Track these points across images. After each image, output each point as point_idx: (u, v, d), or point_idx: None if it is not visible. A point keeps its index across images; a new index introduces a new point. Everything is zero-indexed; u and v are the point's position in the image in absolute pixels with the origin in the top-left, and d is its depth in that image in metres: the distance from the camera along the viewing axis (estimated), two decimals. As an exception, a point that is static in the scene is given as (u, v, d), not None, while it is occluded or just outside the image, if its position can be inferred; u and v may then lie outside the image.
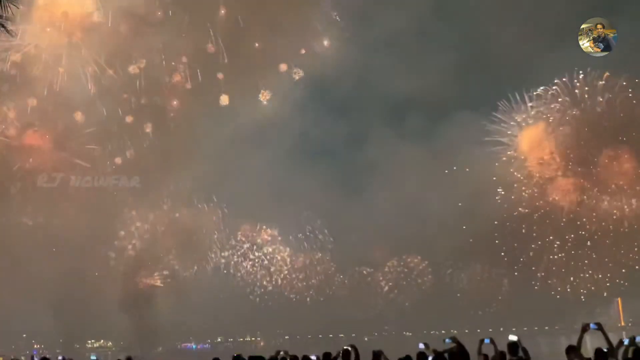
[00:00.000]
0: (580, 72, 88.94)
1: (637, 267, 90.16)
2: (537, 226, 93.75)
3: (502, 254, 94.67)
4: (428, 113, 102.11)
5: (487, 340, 12.34)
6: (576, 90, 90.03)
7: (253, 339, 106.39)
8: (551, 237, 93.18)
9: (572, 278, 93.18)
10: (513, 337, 12.67)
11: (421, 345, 13.18)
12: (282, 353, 13.83)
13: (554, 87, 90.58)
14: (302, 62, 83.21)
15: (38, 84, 76.37)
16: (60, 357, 19.80)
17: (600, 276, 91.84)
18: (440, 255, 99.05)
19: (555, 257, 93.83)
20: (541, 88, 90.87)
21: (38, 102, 77.13)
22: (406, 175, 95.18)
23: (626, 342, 12.11)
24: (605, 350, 11.84)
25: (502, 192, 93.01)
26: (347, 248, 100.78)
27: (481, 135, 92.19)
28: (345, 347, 13.37)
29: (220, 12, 78.72)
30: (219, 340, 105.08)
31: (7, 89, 76.37)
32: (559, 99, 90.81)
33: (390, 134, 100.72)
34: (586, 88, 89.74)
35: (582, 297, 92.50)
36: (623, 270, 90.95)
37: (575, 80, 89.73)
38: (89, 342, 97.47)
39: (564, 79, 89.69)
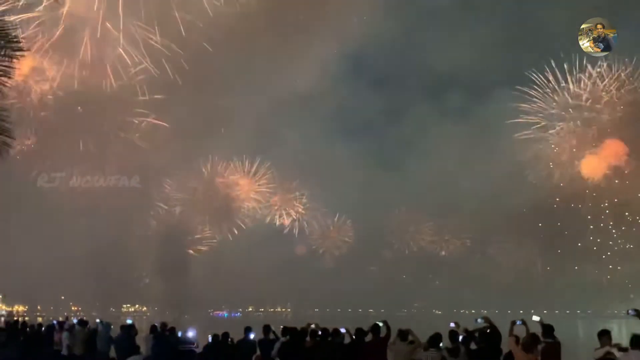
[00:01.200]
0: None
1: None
2: (573, 208, 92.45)
3: (539, 235, 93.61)
4: (468, 90, 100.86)
5: (519, 322, 12.24)
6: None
7: (283, 309, 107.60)
8: (590, 220, 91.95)
9: (607, 263, 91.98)
10: (536, 318, 12.67)
11: (452, 324, 13.14)
12: (313, 326, 13.91)
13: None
14: (344, 34, 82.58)
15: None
16: (98, 320, 20.31)
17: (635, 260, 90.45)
18: (474, 234, 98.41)
19: (592, 237, 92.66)
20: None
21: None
22: (444, 152, 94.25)
23: None
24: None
25: (541, 172, 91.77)
26: (381, 223, 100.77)
27: (521, 113, 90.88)
28: (376, 322, 13.39)
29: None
30: (250, 309, 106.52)
31: None
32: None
33: (428, 109, 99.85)
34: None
35: (617, 281, 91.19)
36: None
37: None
38: (125, 306, 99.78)
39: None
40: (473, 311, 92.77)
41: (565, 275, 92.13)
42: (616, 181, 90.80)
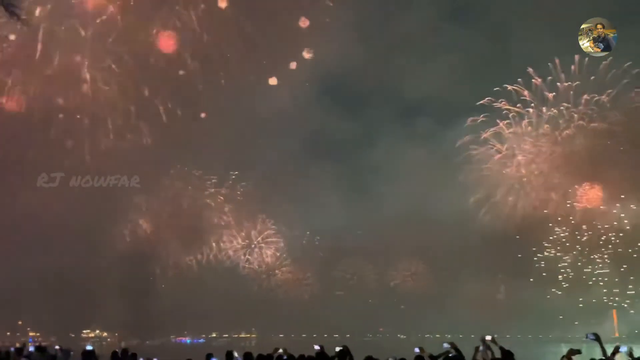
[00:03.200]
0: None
1: (631, 277, 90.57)
2: (537, 232, 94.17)
3: (503, 260, 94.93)
4: (438, 115, 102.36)
5: (481, 348, 12.38)
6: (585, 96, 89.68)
7: (248, 335, 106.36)
8: (557, 245, 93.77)
9: (567, 286, 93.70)
10: (488, 337, 12.85)
11: (417, 350, 13.22)
12: (280, 350, 13.84)
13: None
14: (318, 58, 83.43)
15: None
16: (57, 347, 19.80)
17: (596, 289, 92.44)
18: (440, 258, 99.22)
19: (554, 263, 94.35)
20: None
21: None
22: (413, 177, 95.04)
23: (623, 349, 12.16)
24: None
25: (506, 197, 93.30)
26: (348, 247, 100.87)
27: (490, 139, 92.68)
28: (338, 348, 13.39)
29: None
30: (214, 335, 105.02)
31: None
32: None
33: (399, 134, 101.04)
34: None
35: (577, 306, 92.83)
36: (616, 280, 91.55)
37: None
38: (85, 331, 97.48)
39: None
40: (437, 336, 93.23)
41: (527, 301, 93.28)
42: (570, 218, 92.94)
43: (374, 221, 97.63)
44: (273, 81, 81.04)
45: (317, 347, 13.56)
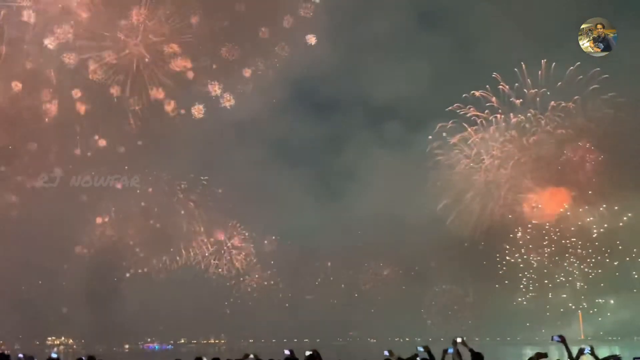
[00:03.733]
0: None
1: (601, 284, 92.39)
2: (505, 237, 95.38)
3: (472, 263, 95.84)
4: (407, 120, 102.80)
5: (450, 350, 12.50)
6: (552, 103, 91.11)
7: (216, 341, 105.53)
8: (522, 248, 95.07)
9: (536, 287, 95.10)
10: (459, 339, 13.00)
11: (386, 353, 13.28)
12: (251, 356, 13.74)
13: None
14: (284, 60, 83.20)
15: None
16: (20, 355, 19.31)
17: (562, 290, 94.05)
18: (409, 262, 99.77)
19: (522, 267, 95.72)
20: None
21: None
22: (383, 181, 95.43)
23: (587, 350, 12.36)
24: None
25: (474, 201, 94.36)
26: (318, 252, 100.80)
27: (459, 144, 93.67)
28: (308, 353, 13.37)
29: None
30: (182, 341, 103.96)
31: None
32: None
33: (368, 138, 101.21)
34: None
35: (545, 309, 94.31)
36: (581, 284, 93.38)
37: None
38: (50, 338, 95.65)
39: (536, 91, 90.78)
40: (407, 339, 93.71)
41: (495, 304, 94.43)
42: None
43: (344, 225, 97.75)
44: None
45: (287, 352, 13.54)
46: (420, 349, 12.73)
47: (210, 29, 79.27)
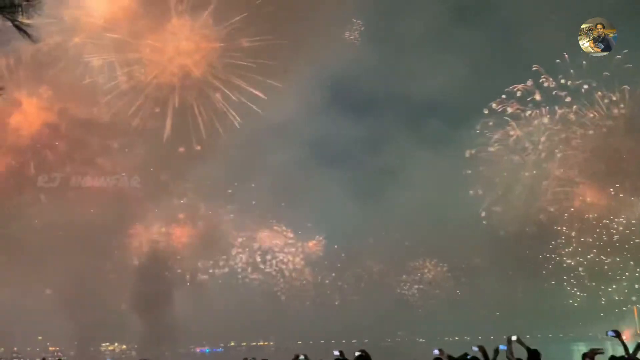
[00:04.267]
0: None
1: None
2: (553, 232, 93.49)
3: (521, 258, 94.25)
4: (447, 116, 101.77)
5: (502, 347, 12.33)
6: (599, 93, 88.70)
7: (265, 343, 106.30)
8: (573, 243, 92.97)
9: (589, 283, 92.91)
10: (514, 337, 12.80)
11: (435, 351, 13.18)
12: (301, 357, 13.84)
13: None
14: (323, 61, 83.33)
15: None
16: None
17: (615, 285, 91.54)
18: (455, 261, 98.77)
19: (574, 262, 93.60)
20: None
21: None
22: (424, 180, 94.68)
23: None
24: (621, 356, 11.78)
25: (520, 197, 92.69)
26: (362, 253, 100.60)
27: (501, 139, 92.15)
28: (357, 353, 13.37)
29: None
30: (232, 344, 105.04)
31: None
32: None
33: (408, 137, 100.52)
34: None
35: (597, 305, 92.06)
36: (636, 279, 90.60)
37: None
38: (103, 344, 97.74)
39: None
40: (456, 338, 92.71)
41: (546, 300, 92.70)
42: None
43: (387, 225, 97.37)
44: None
45: (336, 353, 13.59)
46: (475, 348, 12.59)
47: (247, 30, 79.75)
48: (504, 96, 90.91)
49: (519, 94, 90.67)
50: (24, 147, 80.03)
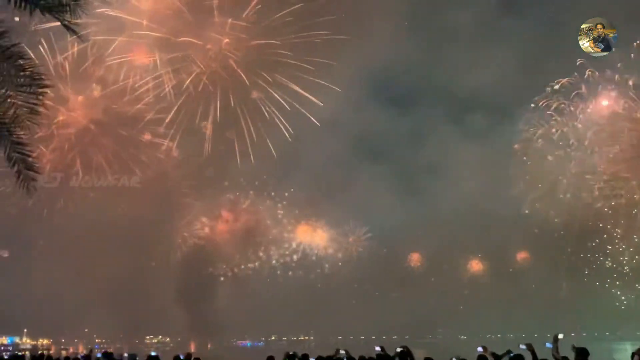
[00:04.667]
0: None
1: None
2: (600, 228, 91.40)
3: (566, 255, 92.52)
4: (491, 110, 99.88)
5: (548, 345, 12.15)
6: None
7: (306, 337, 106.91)
8: (618, 239, 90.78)
9: (633, 282, 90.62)
10: (560, 335, 12.57)
11: (479, 349, 13.02)
12: (342, 352, 13.90)
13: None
14: (365, 56, 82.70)
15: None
16: (126, 354, 20.50)
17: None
18: (497, 257, 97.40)
19: (619, 260, 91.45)
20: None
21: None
22: (467, 175, 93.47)
23: None
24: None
25: (566, 193, 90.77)
26: (403, 249, 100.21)
27: (547, 134, 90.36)
28: (399, 349, 13.34)
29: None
30: (273, 338, 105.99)
31: None
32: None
33: (451, 131, 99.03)
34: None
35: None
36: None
37: None
38: (147, 337, 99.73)
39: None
40: (499, 336, 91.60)
41: (591, 298, 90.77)
42: None
43: (429, 221, 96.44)
44: None
45: (377, 348, 13.59)
46: (523, 347, 12.39)
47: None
48: (548, 89, 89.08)
49: (564, 88, 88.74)
50: (70, 145, 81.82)
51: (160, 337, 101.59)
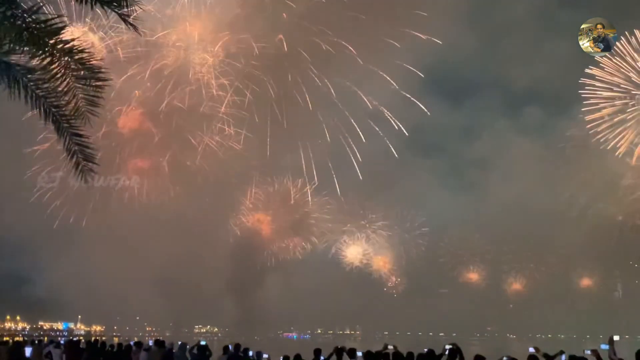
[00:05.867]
0: None
1: None
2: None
3: (618, 257, 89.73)
4: (547, 104, 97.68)
5: (604, 346, 11.86)
6: None
7: (352, 332, 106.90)
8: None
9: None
10: (616, 337, 12.26)
11: (531, 349, 12.83)
12: (390, 347, 13.89)
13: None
14: (420, 49, 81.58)
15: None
16: (179, 342, 20.98)
17: None
18: (550, 256, 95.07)
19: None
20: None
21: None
22: (521, 170, 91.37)
23: None
24: None
25: (624, 190, 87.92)
26: (452, 244, 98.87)
27: (605, 129, 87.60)
28: (448, 346, 13.23)
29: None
30: (319, 331, 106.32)
31: None
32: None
33: (506, 125, 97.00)
34: None
35: None
36: None
37: None
38: (196, 327, 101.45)
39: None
40: (549, 336, 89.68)
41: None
42: None
43: (480, 217, 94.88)
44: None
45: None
46: (588, 351, 12.10)
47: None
48: (605, 85, 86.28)
49: (621, 79, 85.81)
50: (126, 137, 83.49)
51: (208, 326, 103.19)
